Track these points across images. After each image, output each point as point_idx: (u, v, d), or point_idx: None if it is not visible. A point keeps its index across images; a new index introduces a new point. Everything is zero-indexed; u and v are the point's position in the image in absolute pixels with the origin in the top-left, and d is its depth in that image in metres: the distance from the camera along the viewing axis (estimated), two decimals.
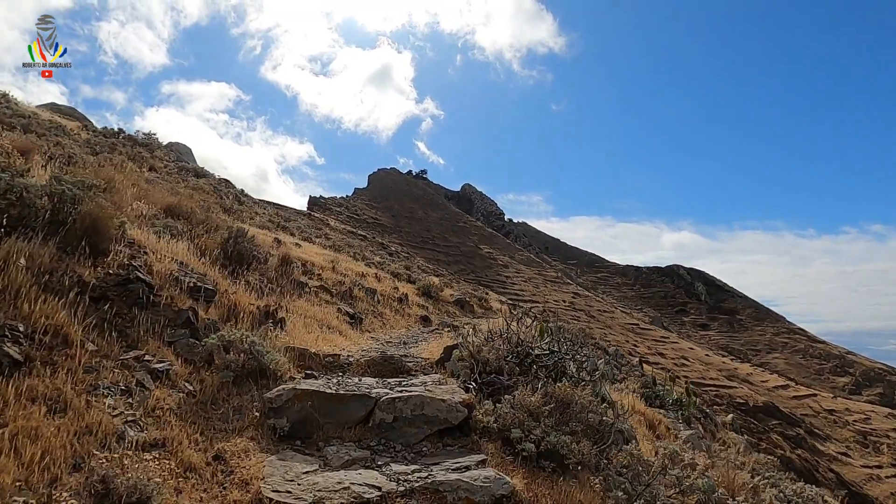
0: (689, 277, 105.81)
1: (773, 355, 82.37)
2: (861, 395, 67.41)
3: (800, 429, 42.99)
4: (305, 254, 13.65)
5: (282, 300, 8.36)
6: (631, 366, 18.15)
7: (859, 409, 52.24)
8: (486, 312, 18.83)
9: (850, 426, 48.07)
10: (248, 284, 8.06)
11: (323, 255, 14.93)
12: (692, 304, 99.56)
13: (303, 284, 9.88)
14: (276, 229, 17.86)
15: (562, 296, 72.14)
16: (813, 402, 51.90)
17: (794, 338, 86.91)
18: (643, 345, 57.10)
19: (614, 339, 54.79)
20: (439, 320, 13.27)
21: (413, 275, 19.32)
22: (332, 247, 19.31)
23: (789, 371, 74.50)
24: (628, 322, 69.13)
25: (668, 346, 60.31)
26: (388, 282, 15.15)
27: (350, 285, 11.77)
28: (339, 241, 25.44)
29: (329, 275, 12.28)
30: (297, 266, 10.75)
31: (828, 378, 74.43)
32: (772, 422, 42.36)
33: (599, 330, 57.83)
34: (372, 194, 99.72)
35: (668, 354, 54.88)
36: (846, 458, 40.51)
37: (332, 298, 10.29)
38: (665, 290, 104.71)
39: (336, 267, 13.22)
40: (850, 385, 71.79)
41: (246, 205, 21.94)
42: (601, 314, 68.60)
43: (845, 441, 45.24)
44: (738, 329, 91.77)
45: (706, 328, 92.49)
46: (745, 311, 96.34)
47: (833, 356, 79.65)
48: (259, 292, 8.04)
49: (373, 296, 12.00)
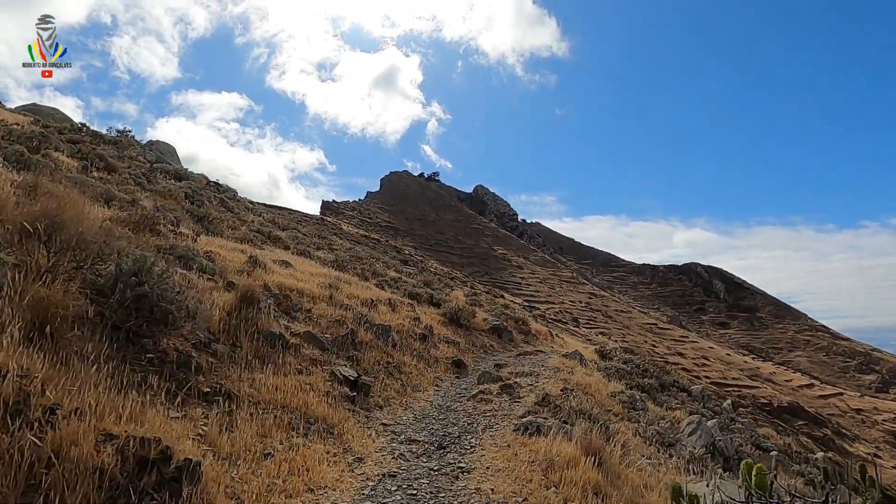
0: (707, 275, 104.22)
1: (795, 353, 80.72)
2: (888, 394, 65.69)
3: (827, 429, 41.92)
4: (294, 277, 10.13)
5: (222, 384, 5.04)
6: (728, 414, 14.76)
7: (888, 409, 50.85)
8: (529, 340, 15.83)
9: (878, 426, 46.81)
10: (152, 368, 4.57)
11: (320, 276, 11.42)
12: (710, 303, 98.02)
13: (275, 338, 6.52)
14: (261, 243, 14.14)
15: (578, 296, 71.39)
16: (839, 402, 50.66)
17: (817, 335, 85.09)
18: (662, 345, 56.22)
19: (633, 339, 54.01)
20: (476, 363, 10.66)
21: (436, 294, 15.83)
22: (334, 263, 15.63)
23: (813, 369, 72.90)
24: (646, 322, 68.18)
25: (688, 345, 59.32)
26: (406, 309, 11.70)
27: (353, 323, 8.59)
28: (345, 254, 21.10)
29: (323, 309, 8.73)
30: (270, 305, 7.35)
31: (853, 376, 72.70)
32: (798, 422, 41.37)
33: (618, 330, 57.07)
34: (384, 198, 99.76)
35: (687, 354, 53.95)
36: (877, 459, 39.35)
37: (324, 353, 7.08)
38: (682, 288, 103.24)
39: (335, 295, 9.78)
40: (877, 383, 70.02)
41: (234, 210, 19.28)
42: (618, 314, 67.74)
43: (875, 441, 44.03)
44: (758, 327, 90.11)
45: (726, 326, 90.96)
46: (765, 309, 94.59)
47: (858, 353, 77.82)
48: (174, 384, 4.56)
49: (386, 336, 8.87)
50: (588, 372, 10.51)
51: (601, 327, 56.80)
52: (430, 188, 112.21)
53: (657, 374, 14.42)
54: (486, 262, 79.42)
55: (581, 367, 10.98)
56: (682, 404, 12.22)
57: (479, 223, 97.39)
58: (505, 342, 13.70)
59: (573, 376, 9.43)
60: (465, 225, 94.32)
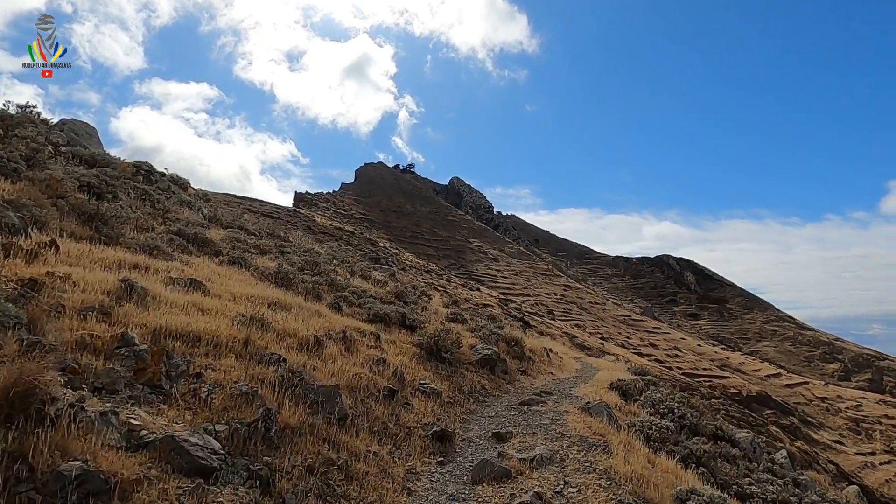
0: (679, 267, 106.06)
1: (763, 343, 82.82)
2: (850, 382, 67.92)
3: (793, 417, 42.92)
4: (198, 310, 6.96)
5: None
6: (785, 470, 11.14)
7: (850, 396, 52.47)
8: (526, 367, 13.25)
9: (842, 413, 48.22)
10: None
11: (246, 300, 8.35)
12: (682, 294, 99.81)
13: (74, 483, 2.98)
14: (176, 250, 10.70)
15: (553, 288, 71.72)
16: (805, 390, 52.03)
17: (783, 325, 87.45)
18: (636, 336, 56.85)
19: (606, 331, 54.46)
20: (466, 427, 7.71)
21: (410, 310, 12.86)
22: (276, 276, 11.78)
23: (779, 359, 74.90)
24: (620, 314, 68.93)
25: (661, 336, 60.16)
26: (367, 345, 8.92)
27: (275, 391, 5.50)
28: (299, 258, 16.19)
29: (227, 369, 5.63)
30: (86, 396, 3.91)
31: (817, 365, 74.94)
32: (766, 411, 42.21)
33: (592, 322, 57.50)
34: (359, 189, 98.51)
35: (660, 345, 54.66)
36: (840, 445, 40.52)
37: (198, 482, 3.64)
38: (655, 280, 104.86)
39: (255, 338, 6.61)
40: (840, 371, 72.32)
41: (159, 205, 14.79)
42: (593, 306, 68.30)
43: (838, 429, 45.33)
44: (727, 318, 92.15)
45: (696, 318, 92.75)
46: (734, 300, 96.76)
47: (822, 343, 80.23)
48: None
49: (331, 407, 5.75)
50: (627, 441, 7.42)
51: (576, 319, 57.12)
52: (405, 180, 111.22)
53: (702, 423, 10.41)
54: (461, 255, 79.13)
55: (614, 432, 7.83)
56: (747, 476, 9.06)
57: (454, 215, 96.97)
58: (499, 378, 11.25)
59: (613, 459, 6.57)
60: (440, 217, 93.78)
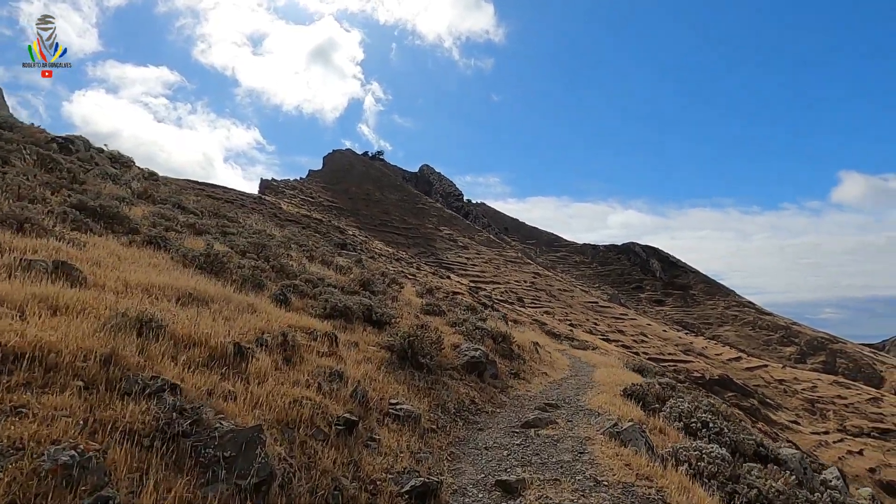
0: (645, 254, 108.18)
1: (724, 328, 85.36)
2: (806, 364, 70.66)
3: (753, 399, 44.33)
4: (50, 312, 4.43)
5: None
6: None
7: (806, 378, 54.50)
8: (519, 370, 11.10)
9: (798, 395, 50.07)
10: None
11: (137, 295, 5.89)
12: (648, 281, 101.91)
13: None
14: (78, 229, 8.75)
15: (522, 276, 72.09)
16: (764, 373, 53.79)
17: (744, 311, 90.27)
18: (603, 322, 57.67)
19: (575, 317, 55.06)
20: (456, 471, 5.38)
21: (378, 303, 10.82)
22: (205, 259, 9.11)
23: (740, 343, 77.36)
24: (588, 300, 69.81)
25: (627, 322, 61.21)
26: (318, 352, 6.53)
27: (136, 444, 3.19)
28: (245, 240, 13.86)
29: (51, 418, 3.04)
30: None
31: (775, 348, 77.72)
32: (727, 394, 43.41)
33: (561, 309, 58.03)
34: (327, 177, 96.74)
35: (627, 332, 55.60)
36: (797, 426, 42.06)
37: None
38: (622, 267, 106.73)
39: (124, 355, 3.99)
40: (796, 354, 75.19)
41: (71, 176, 13.03)
42: (562, 293, 68.96)
43: (795, 409, 47.07)
44: (691, 304, 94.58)
45: (661, 304, 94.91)
46: (697, 286, 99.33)
47: (779, 327, 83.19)
48: None
49: (245, 464, 3.31)
50: (681, 484, 5.45)
51: (545, 306, 57.55)
52: (374, 167, 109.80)
53: (741, 439, 8.15)
54: (431, 243, 78.70)
55: (661, 471, 5.67)
56: None
57: (424, 203, 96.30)
58: (490, 386, 9.05)
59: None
60: (410, 205, 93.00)
